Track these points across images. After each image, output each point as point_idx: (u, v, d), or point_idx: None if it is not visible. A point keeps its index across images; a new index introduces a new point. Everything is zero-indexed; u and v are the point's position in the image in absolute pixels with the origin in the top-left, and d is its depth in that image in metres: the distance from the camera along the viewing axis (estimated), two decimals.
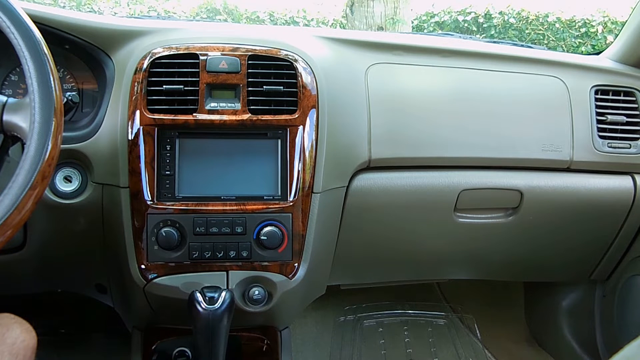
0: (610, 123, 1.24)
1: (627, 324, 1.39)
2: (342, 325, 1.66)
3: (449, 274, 1.44)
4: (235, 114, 0.96)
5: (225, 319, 0.91)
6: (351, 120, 1.06)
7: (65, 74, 1.05)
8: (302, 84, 0.98)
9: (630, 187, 1.26)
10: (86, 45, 1.01)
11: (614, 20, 4.99)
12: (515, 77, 1.21)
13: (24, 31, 0.71)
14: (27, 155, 0.67)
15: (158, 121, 0.94)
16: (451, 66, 1.17)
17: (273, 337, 1.14)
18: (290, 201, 0.97)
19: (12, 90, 1.03)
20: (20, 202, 0.65)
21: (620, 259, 1.41)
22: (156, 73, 0.95)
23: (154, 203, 0.94)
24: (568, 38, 5.05)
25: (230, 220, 0.95)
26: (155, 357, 1.11)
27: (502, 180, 1.18)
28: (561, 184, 1.21)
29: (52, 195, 0.96)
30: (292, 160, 0.97)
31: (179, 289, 0.95)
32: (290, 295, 1.02)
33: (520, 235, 1.28)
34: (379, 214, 1.15)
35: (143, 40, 1.01)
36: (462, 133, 1.14)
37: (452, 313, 1.75)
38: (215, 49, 0.98)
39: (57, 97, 0.71)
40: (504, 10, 5.20)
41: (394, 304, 1.74)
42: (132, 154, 0.94)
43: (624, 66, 1.31)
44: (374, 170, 1.11)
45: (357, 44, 1.14)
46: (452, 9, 5.31)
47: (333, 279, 1.24)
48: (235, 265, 0.97)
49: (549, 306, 1.64)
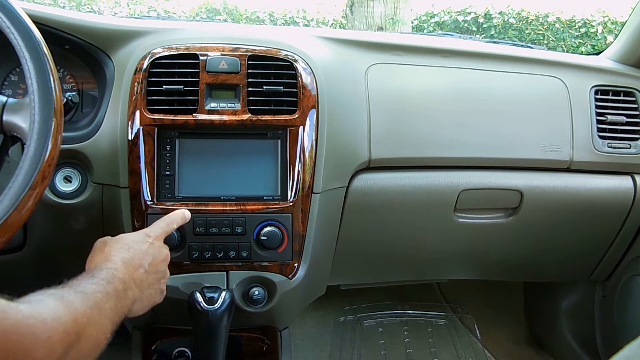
0: (610, 123, 1.24)
1: (627, 324, 1.38)
2: (342, 325, 1.66)
3: (448, 274, 1.44)
4: (235, 114, 0.96)
5: (225, 319, 0.91)
6: (351, 121, 1.06)
7: (65, 74, 1.05)
8: (302, 84, 0.98)
9: (630, 187, 1.26)
10: (86, 45, 1.01)
11: (614, 20, 4.99)
12: (515, 77, 1.21)
13: (23, 31, 0.71)
14: (27, 156, 0.67)
15: (158, 121, 0.94)
16: (451, 66, 1.17)
17: (273, 337, 1.14)
18: (290, 201, 0.97)
19: (12, 90, 1.03)
20: (20, 202, 0.65)
21: (620, 259, 1.41)
22: (156, 73, 0.95)
23: (153, 203, 0.94)
24: (568, 38, 5.05)
25: (230, 221, 0.95)
26: (155, 357, 1.10)
27: (502, 181, 1.18)
28: (561, 184, 1.21)
29: (52, 196, 0.96)
30: (292, 160, 0.97)
31: (179, 289, 0.95)
32: (290, 296, 1.01)
33: (520, 235, 1.28)
34: (378, 214, 1.15)
35: (143, 40, 1.01)
36: (462, 133, 1.14)
37: (452, 313, 1.75)
38: (215, 49, 0.98)
39: (57, 97, 0.71)
40: (504, 11, 5.20)
41: (394, 304, 1.74)
42: (132, 154, 0.94)
43: (624, 66, 1.31)
44: (374, 171, 1.11)
45: (357, 44, 1.14)
46: (452, 9, 5.31)
47: (333, 279, 1.24)
48: (235, 266, 0.97)
49: (549, 306, 1.64)
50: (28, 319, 0.48)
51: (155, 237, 0.82)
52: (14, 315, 0.47)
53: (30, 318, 0.49)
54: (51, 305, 0.53)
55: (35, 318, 0.49)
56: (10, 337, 0.45)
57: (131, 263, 0.74)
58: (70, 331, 0.53)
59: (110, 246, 0.76)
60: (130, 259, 0.75)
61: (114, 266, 0.71)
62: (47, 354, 0.50)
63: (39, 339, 0.49)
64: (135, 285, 0.74)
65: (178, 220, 0.88)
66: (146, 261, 0.77)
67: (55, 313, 0.53)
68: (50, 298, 0.55)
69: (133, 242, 0.78)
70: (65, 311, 0.54)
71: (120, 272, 0.71)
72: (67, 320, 0.53)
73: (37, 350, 0.48)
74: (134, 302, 0.74)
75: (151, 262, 0.78)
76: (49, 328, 0.50)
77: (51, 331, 0.50)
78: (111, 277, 0.68)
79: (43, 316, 0.50)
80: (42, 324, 0.50)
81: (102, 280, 0.66)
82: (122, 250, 0.75)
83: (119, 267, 0.72)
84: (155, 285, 0.80)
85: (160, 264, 0.81)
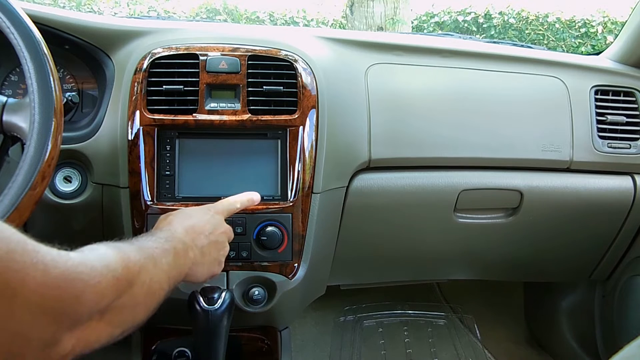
0: (610, 123, 1.24)
1: (627, 324, 1.38)
2: (342, 325, 1.66)
3: (449, 274, 1.44)
4: (235, 114, 0.96)
5: (225, 319, 0.90)
6: (351, 121, 1.06)
7: (65, 74, 1.05)
8: (302, 84, 0.98)
9: (630, 187, 1.26)
10: (86, 45, 1.01)
11: (614, 20, 4.99)
12: (515, 77, 1.21)
13: (23, 31, 0.71)
14: (27, 156, 0.67)
15: (158, 121, 0.94)
16: (451, 66, 1.17)
17: (273, 338, 1.14)
18: (290, 201, 0.97)
19: (12, 90, 1.03)
20: (20, 203, 0.65)
21: (620, 259, 1.41)
22: (156, 73, 0.95)
23: (154, 203, 0.94)
24: (568, 38, 5.05)
25: (230, 221, 0.95)
26: (155, 357, 1.10)
27: (502, 181, 1.18)
28: (561, 184, 1.21)
29: (52, 196, 0.96)
30: (292, 160, 0.97)
31: (179, 289, 0.95)
32: (290, 296, 1.01)
33: (520, 235, 1.28)
34: (378, 214, 1.15)
35: (143, 40, 1.01)
36: (462, 133, 1.14)
37: (452, 313, 1.75)
38: (215, 49, 0.98)
39: (57, 97, 0.71)
40: (504, 11, 5.21)
41: (394, 304, 1.74)
42: (132, 154, 0.94)
43: (624, 66, 1.31)
44: (374, 171, 1.11)
45: (357, 44, 1.14)
46: (452, 9, 5.31)
47: (333, 279, 1.24)
48: (235, 266, 0.97)
49: (549, 306, 1.64)
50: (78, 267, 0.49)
51: (217, 211, 0.84)
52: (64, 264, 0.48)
53: (80, 265, 0.50)
54: (102, 252, 0.55)
55: (85, 265, 0.50)
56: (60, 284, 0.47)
57: (193, 229, 0.77)
58: (120, 277, 0.55)
59: (173, 215, 0.80)
60: (192, 225, 0.77)
61: (175, 229, 0.75)
62: (97, 299, 0.51)
63: (89, 285, 0.50)
64: (197, 248, 0.76)
65: (243, 200, 0.89)
66: (207, 229, 0.79)
67: (105, 260, 0.54)
68: (103, 247, 0.57)
69: (195, 212, 0.82)
70: (117, 258, 0.56)
71: (180, 234, 0.74)
72: (117, 267, 0.55)
73: (87, 296, 0.49)
74: (195, 265, 0.75)
75: (212, 231, 0.80)
76: (98, 273, 0.51)
77: (101, 276, 0.51)
78: (170, 237, 0.71)
79: (92, 263, 0.52)
80: (91, 270, 0.51)
81: (160, 238, 0.69)
82: (184, 218, 0.78)
83: (179, 230, 0.75)
84: (214, 254, 0.81)
85: (221, 234, 0.82)
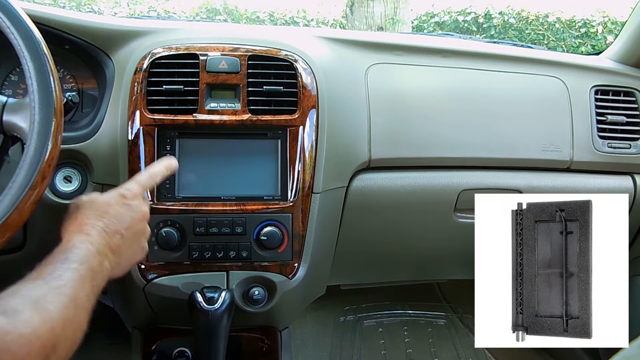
0: (610, 123, 1.24)
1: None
2: (342, 325, 1.66)
3: (449, 274, 1.44)
4: (235, 114, 0.96)
5: (225, 319, 0.91)
6: (351, 121, 1.06)
7: (65, 74, 1.05)
8: (302, 84, 0.98)
9: (630, 187, 1.26)
10: (86, 45, 1.01)
11: (614, 20, 4.99)
12: (515, 77, 1.21)
13: (23, 31, 0.71)
14: (27, 156, 0.67)
15: (158, 121, 0.94)
16: (451, 66, 1.17)
17: (273, 338, 1.14)
18: (290, 201, 0.97)
19: (12, 90, 1.03)
20: (20, 203, 0.65)
21: None
22: (156, 73, 0.95)
23: (154, 203, 0.94)
24: (568, 38, 5.05)
25: (230, 221, 0.95)
26: (155, 357, 1.11)
27: (502, 181, 1.18)
28: (561, 184, 1.21)
29: (52, 196, 0.96)
30: (292, 160, 0.97)
31: (179, 289, 0.95)
32: (290, 296, 1.01)
33: None
34: (378, 214, 1.15)
35: (143, 40, 1.01)
36: (462, 133, 1.14)
37: (452, 313, 1.75)
38: (215, 49, 0.98)
39: (57, 97, 0.71)
40: (504, 11, 5.20)
41: (394, 304, 1.74)
42: (132, 154, 0.94)
43: (624, 66, 1.31)
44: (374, 171, 1.11)
45: (357, 44, 1.14)
46: (452, 9, 5.31)
47: (333, 279, 1.24)
48: (235, 266, 0.97)
49: None
50: (5, 337, 0.49)
51: (133, 196, 0.77)
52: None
53: (8, 335, 0.49)
54: (27, 318, 0.54)
55: (13, 334, 0.50)
56: None
57: (106, 231, 0.72)
58: (47, 343, 0.54)
59: (83, 213, 0.73)
60: (105, 226, 0.72)
61: (89, 239, 0.69)
62: None
63: (17, 357, 0.49)
64: (112, 253, 0.72)
65: (162, 170, 0.83)
66: (122, 226, 0.74)
67: (31, 325, 0.53)
68: (27, 309, 0.55)
69: (108, 206, 0.74)
70: (41, 322, 0.54)
71: (95, 243, 0.69)
72: (43, 333, 0.54)
73: None
74: (113, 269, 0.72)
75: (128, 225, 0.75)
76: (26, 342, 0.51)
77: (29, 345, 0.51)
78: (85, 256, 0.66)
79: (20, 331, 0.51)
80: (19, 338, 0.50)
81: (75, 262, 0.65)
82: (97, 217, 0.72)
83: (93, 238, 0.69)
84: (134, 245, 0.77)
85: (139, 223, 0.77)
